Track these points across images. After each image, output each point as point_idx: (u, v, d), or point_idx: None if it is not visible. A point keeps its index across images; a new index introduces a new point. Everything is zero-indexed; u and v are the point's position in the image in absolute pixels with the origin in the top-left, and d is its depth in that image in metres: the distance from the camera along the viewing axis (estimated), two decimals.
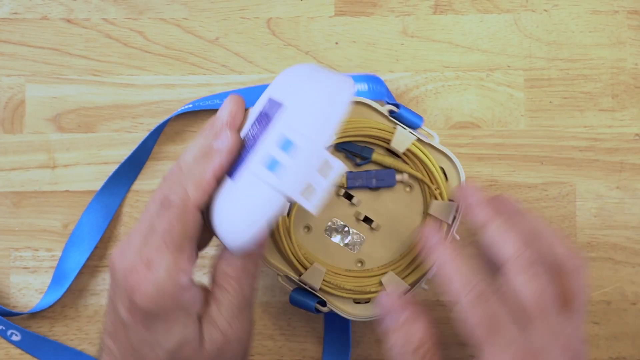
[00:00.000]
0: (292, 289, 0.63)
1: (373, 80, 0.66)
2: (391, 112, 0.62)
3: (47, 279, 0.68)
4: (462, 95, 0.68)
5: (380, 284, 0.62)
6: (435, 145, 0.63)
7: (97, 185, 0.68)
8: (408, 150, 0.62)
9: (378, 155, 0.63)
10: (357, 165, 0.63)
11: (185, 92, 0.68)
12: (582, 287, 0.54)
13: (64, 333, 0.68)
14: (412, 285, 0.62)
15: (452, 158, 0.63)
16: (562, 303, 0.53)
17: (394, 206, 0.63)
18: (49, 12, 0.69)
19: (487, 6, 0.69)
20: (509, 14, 0.69)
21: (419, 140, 0.62)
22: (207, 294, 0.56)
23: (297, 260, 0.62)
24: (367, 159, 0.63)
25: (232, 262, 0.56)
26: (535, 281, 0.52)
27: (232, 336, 0.56)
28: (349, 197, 0.64)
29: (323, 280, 0.62)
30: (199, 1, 0.69)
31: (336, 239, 0.64)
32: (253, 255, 0.56)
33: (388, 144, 0.62)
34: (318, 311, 0.62)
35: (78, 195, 0.68)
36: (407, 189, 0.63)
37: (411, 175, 0.63)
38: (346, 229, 0.64)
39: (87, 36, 0.69)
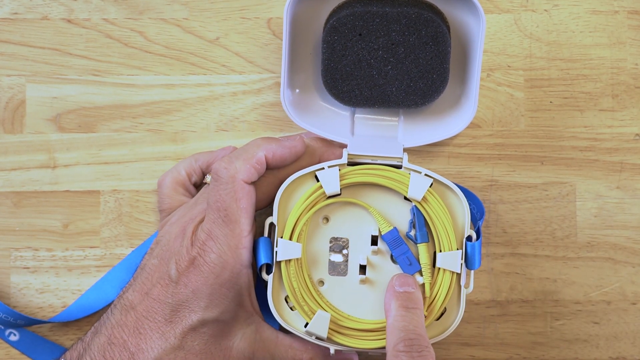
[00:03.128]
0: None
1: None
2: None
3: (47, 278, 0.68)
4: None
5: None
6: (441, 180, 0.63)
7: (97, 185, 0.68)
8: (424, 198, 0.62)
9: (424, 249, 0.62)
10: (407, 237, 0.63)
11: (186, 92, 0.69)
12: None
13: (64, 333, 0.68)
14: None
15: (457, 192, 0.63)
16: None
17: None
18: (49, 12, 0.69)
19: (487, 6, 0.69)
20: (509, 14, 0.69)
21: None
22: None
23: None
24: (416, 242, 0.62)
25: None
26: None
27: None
28: (374, 242, 0.63)
29: (330, 328, 0.62)
30: (199, 1, 0.69)
31: (336, 256, 0.63)
32: None
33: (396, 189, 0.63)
34: (259, 277, 0.62)
35: (78, 195, 0.68)
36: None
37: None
38: (345, 251, 0.63)
39: (87, 36, 0.69)
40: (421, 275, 0.62)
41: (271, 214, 0.62)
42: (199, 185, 0.67)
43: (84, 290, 0.68)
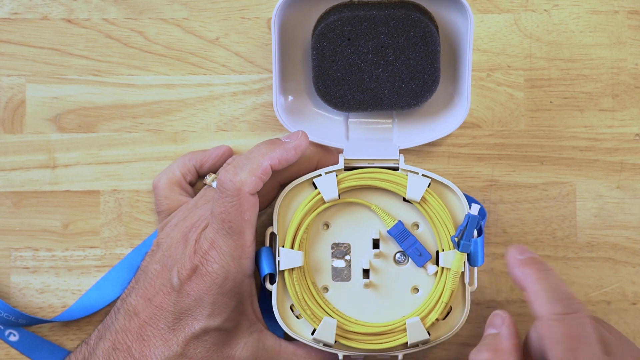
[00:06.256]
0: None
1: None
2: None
3: (47, 279, 0.68)
4: None
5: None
6: (438, 179, 0.62)
7: (97, 185, 0.68)
8: (423, 198, 0.62)
9: (459, 257, 0.62)
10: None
11: (186, 92, 0.69)
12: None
13: (64, 333, 0.68)
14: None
15: (456, 190, 0.63)
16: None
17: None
18: (49, 12, 0.69)
19: (487, 6, 0.69)
20: (509, 14, 0.69)
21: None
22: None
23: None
24: (458, 248, 0.62)
25: None
26: None
27: None
28: (376, 245, 0.63)
29: (337, 334, 0.62)
30: (200, 1, 0.69)
31: (338, 262, 0.63)
32: None
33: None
34: (263, 286, 0.62)
35: (78, 195, 0.68)
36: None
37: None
38: (347, 257, 0.63)
39: (87, 36, 0.69)
40: (432, 264, 0.62)
41: (271, 215, 0.62)
42: (194, 184, 0.67)
43: (84, 291, 0.68)
